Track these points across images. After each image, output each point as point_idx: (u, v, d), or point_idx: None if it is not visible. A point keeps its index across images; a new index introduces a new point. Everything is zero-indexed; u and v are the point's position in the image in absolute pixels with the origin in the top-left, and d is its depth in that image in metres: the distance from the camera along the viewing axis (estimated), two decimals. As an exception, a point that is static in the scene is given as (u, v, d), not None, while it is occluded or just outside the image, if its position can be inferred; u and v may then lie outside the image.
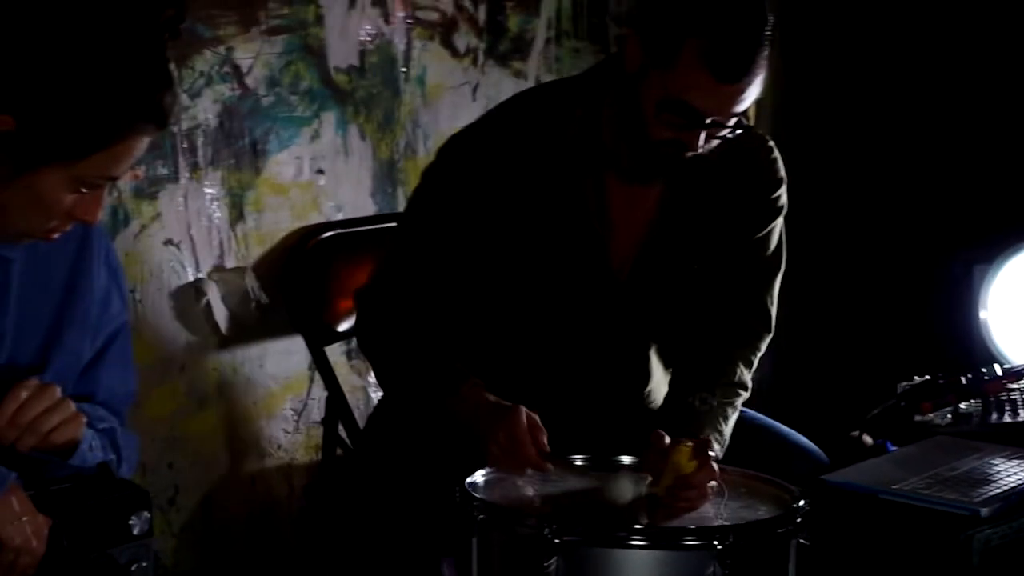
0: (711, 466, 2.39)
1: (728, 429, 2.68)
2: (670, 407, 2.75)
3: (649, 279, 2.72)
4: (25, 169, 2.00)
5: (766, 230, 2.77)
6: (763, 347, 2.81)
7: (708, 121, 2.50)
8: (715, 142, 2.56)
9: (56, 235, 2.11)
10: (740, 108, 2.51)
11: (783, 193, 2.79)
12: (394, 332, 2.68)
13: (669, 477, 2.37)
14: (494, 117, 2.76)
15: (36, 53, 1.97)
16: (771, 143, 2.79)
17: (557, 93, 2.74)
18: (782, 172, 2.79)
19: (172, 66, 2.08)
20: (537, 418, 2.47)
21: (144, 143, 2.06)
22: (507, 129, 2.68)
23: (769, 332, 2.81)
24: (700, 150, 2.54)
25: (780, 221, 2.80)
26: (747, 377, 2.77)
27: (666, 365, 2.84)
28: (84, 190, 2.05)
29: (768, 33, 2.49)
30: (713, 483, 2.39)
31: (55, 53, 1.97)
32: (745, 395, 2.75)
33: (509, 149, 2.65)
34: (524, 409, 2.47)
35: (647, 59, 2.51)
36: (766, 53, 2.49)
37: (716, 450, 2.55)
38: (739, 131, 2.55)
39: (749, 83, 2.48)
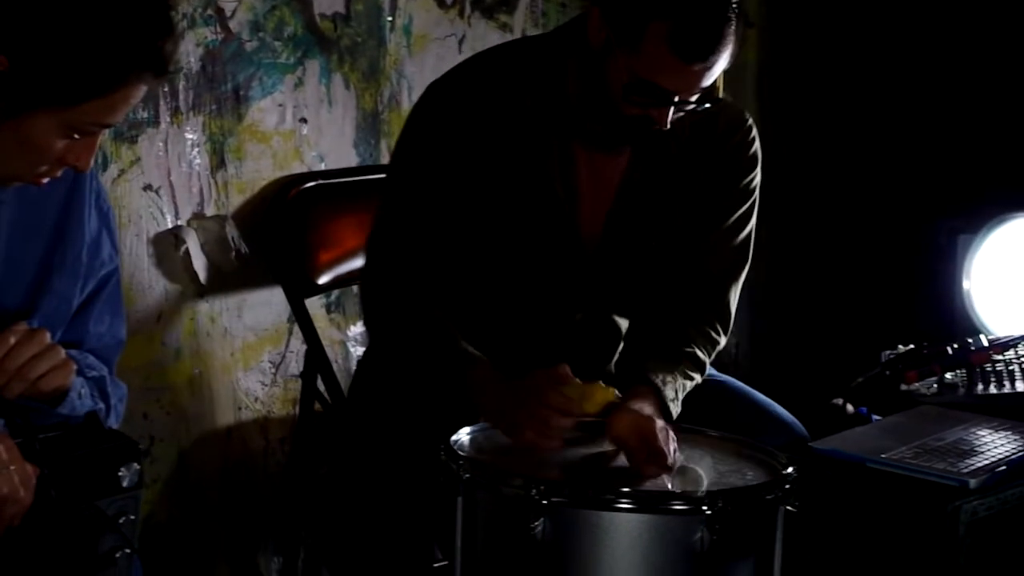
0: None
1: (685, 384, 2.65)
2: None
3: (616, 249, 2.69)
4: (17, 112, 1.96)
5: (734, 216, 2.73)
6: (721, 343, 2.75)
7: (676, 99, 2.48)
8: (683, 114, 2.54)
9: (46, 180, 2.08)
10: (708, 83, 2.50)
11: (756, 176, 2.75)
12: (398, 301, 2.63)
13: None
14: (471, 69, 2.72)
15: None
16: (751, 123, 2.75)
17: (526, 51, 2.70)
18: (759, 154, 2.76)
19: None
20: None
21: (142, 91, 2.03)
22: (480, 85, 2.65)
23: (726, 334, 2.75)
24: (668, 125, 2.52)
25: (749, 210, 2.75)
26: (706, 358, 2.71)
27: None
28: (77, 136, 2.01)
29: (734, 7, 2.45)
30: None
31: None
32: (699, 377, 2.68)
33: (481, 107, 2.62)
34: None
35: (611, 37, 2.48)
36: (733, 27, 2.45)
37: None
38: (707, 104, 2.53)
39: (716, 60, 2.46)
